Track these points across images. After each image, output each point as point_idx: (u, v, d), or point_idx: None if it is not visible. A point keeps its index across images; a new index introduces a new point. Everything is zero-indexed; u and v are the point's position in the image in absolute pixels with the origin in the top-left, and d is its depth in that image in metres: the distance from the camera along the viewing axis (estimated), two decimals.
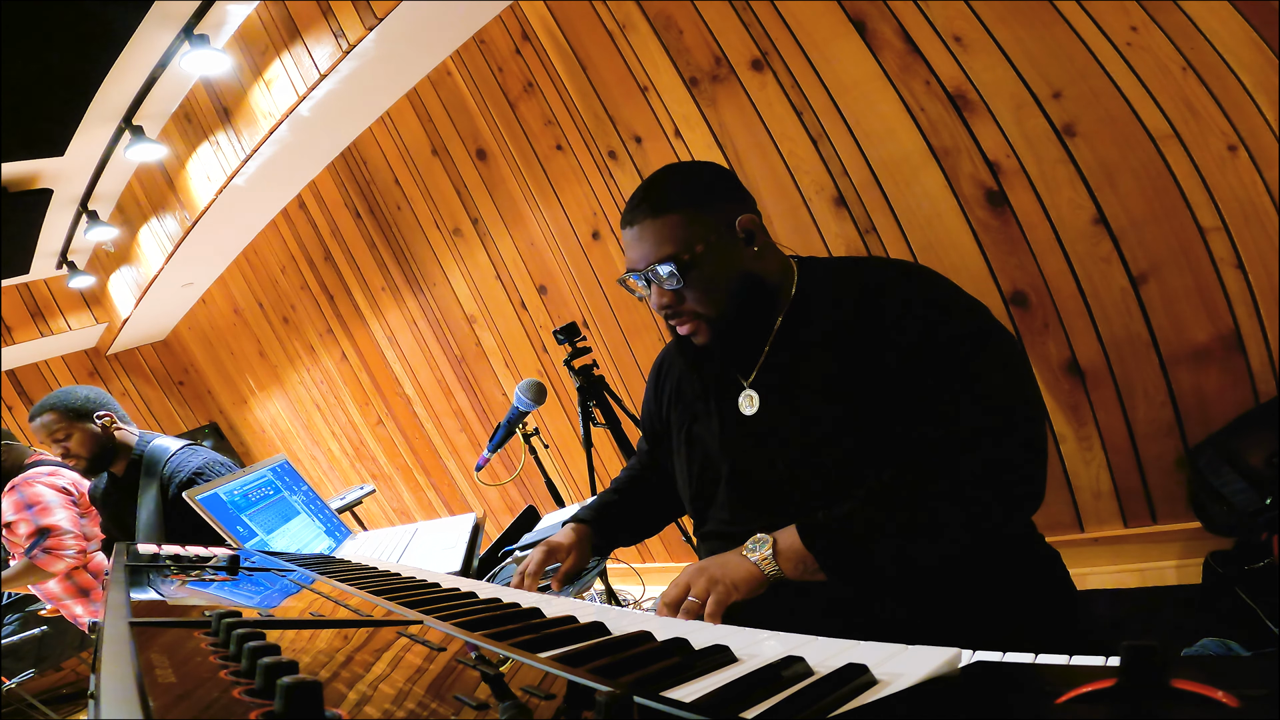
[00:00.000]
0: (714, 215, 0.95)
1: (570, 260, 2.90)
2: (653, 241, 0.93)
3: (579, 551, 1.14)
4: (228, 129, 3.06)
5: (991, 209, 1.93)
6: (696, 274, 0.93)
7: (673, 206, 0.93)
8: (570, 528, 1.17)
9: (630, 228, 0.96)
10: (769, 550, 0.86)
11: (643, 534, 1.28)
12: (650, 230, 0.93)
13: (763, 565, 0.86)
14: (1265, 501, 1.61)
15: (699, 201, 0.95)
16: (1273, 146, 1.58)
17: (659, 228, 0.93)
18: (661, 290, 0.95)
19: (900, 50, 1.95)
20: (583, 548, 1.15)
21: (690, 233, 0.93)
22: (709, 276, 0.93)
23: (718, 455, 1.02)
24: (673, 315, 0.97)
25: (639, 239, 0.94)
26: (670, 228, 0.93)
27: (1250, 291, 1.69)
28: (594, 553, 1.18)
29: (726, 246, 0.94)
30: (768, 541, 0.87)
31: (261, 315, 4.64)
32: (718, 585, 0.83)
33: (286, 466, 2.04)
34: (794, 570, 0.85)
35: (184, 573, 0.93)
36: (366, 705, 0.41)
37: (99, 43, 2.51)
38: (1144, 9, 1.63)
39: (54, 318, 4.65)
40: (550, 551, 1.10)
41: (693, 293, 0.94)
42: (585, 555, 1.15)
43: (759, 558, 0.86)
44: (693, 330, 0.98)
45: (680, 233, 0.92)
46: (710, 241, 0.93)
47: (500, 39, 2.74)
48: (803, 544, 0.85)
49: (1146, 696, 0.32)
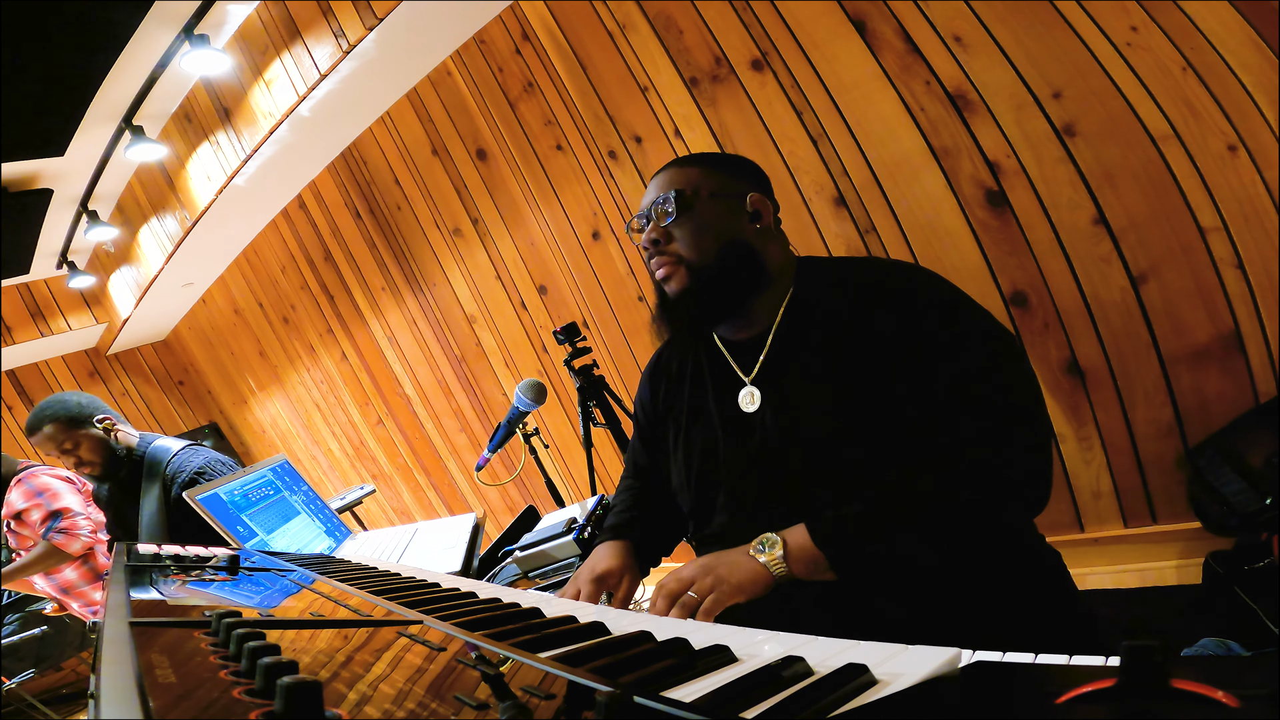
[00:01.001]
0: (728, 180, 1.01)
1: (570, 260, 2.90)
2: (667, 181, 1.01)
3: (633, 573, 1.04)
4: (228, 129, 3.06)
5: (991, 209, 1.93)
6: (691, 215, 0.98)
7: (697, 163, 1.02)
8: (612, 548, 1.06)
9: (656, 176, 1.03)
10: (779, 551, 0.85)
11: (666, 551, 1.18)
12: (670, 174, 1.01)
13: (771, 566, 0.84)
14: (1265, 501, 1.61)
15: (720, 166, 1.03)
16: (1273, 146, 1.58)
17: (678, 172, 1.01)
18: (654, 226, 0.99)
19: (900, 50, 1.95)
20: (634, 567, 1.06)
21: (702, 181, 0.99)
22: (702, 223, 0.98)
23: (718, 455, 1.00)
24: (656, 254, 1.00)
25: (658, 181, 1.02)
26: (686, 174, 1.01)
27: (1250, 291, 1.69)
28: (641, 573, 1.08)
29: (730, 208, 1.00)
30: (777, 542, 0.85)
31: (261, 315, 4.64)
32: (722, 585, 0.82)
33: (286, 466, 2.04)
34: (804, 570, 0.84)
35: (184, 573, 0.93)
36: (366, 705, 0.41)
37: (99, 43, 2.51)
38: (1144, 9, 1.63)
39: (54, 318, 4.65)
40: (599, 579, 1.00)
41: (682, 231, 0.98)
42: (639, 575, 1.06)
43: (768, 559, 0.85)
44: (669, 274, 0.99)
45: (694, 178, 1.00)
46: (716, 195, 0.99)
47: (500, 39, 2.74)
48: (814, 544, 0.84)
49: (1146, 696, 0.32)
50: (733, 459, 0.99)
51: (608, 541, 1.09)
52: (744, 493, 0.98)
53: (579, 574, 1.03)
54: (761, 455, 0.96)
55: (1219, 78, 1.60)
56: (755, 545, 0.87)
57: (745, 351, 1.01)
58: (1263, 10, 1.53)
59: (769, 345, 0.99)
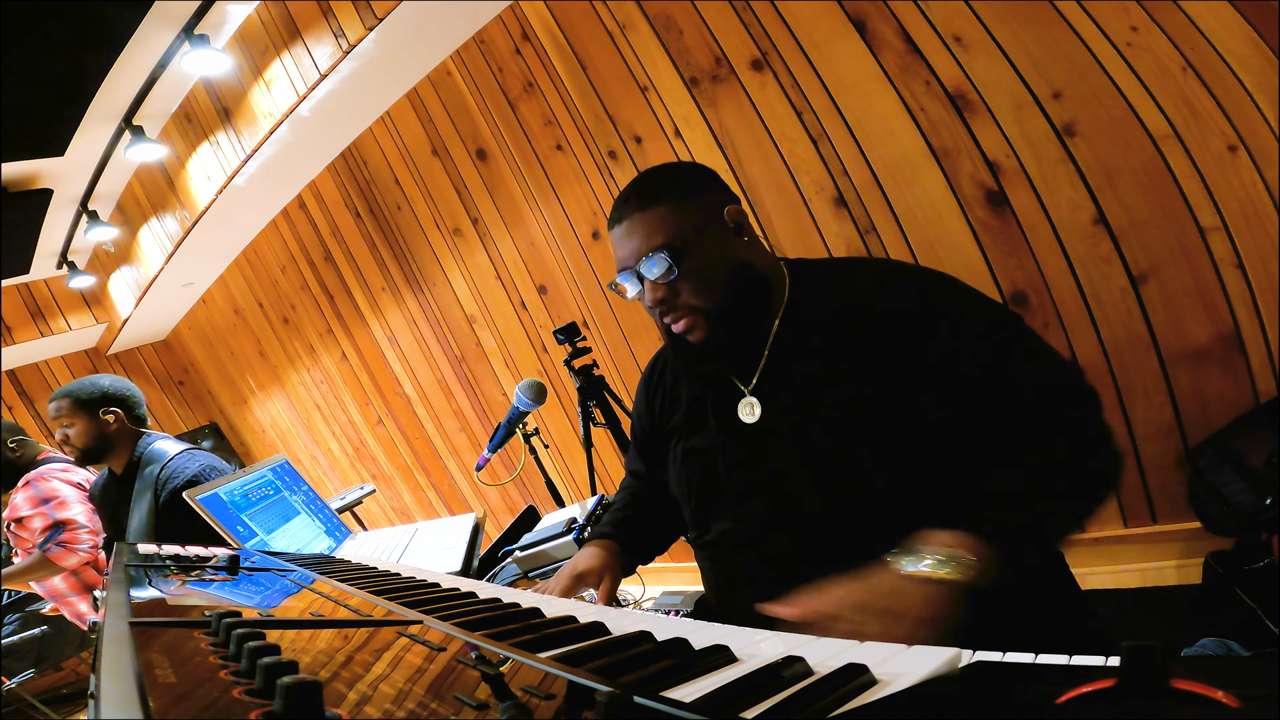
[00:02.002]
0: (701, 204, 0.94)
1: (570, 260, 2.90)
2: (643, 234, 0.92)
3: (612, 572, 1.04)
4: (228, 129, 3.06)
5: (991, 209, 1.93)
6: (690, 262, 0.91)
7: (660, 198, 0.92)
8: (595, 548, 1.07)
9: (619, 225, 0.94)
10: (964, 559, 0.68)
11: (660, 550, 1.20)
12: (640, 223, 0.92)
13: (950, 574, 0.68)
14: (1265, 501, 1.61)
15: (685, 193, 0.94)
16: (1273, 146, 1.58)
17: (649, 219, 0.92)
18: (655, 285, 0.92)
19: (900, 50, 1.95)
20: (614, 567, 1.05)
21: (680, 221, 0.91)
22: (703, 264, 0.91)
23: (719, 465, 0.99)
24: (667, 311, 0.93)
25: (628, 234, 0.93)
26: (660, 218, 0.91)
27: (1250, 291, 1.69)
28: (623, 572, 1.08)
29: (718, 234, 0.93)
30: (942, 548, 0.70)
31: (261, 315, 4.64)
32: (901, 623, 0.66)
33: (286, 466, 2.04)
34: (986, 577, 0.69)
35: (184, 573, 0.93)
36: (366, 705, 0.41)
37: (99, 43, 2.51)
38: (1144, 9, 1.63)
39: (54, 318, 4.65)
40: (578, 578, 1.00)
41: (688, 283, 0.91)
42: (619, 575, 1.05)
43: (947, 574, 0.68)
44: (689, 326, 0.94)
45: (670, 222, 0.91)
46: (701, 228, 0.92)
47: (500, 39, 2.74)
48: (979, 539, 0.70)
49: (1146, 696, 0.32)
50: (733, 469, 0.97)
51: (592, 542, 1.09)
52: (745, 502, 0.97)
53: (561, 571, 1.04)
54: (763, 466, 0.95)
55: (1219, 78, 1.60)
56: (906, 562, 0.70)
57: (743, 360, 0.99)
58: (1263, 10, 1.53)
59: (767, 355, 0.97)
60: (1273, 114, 1.57)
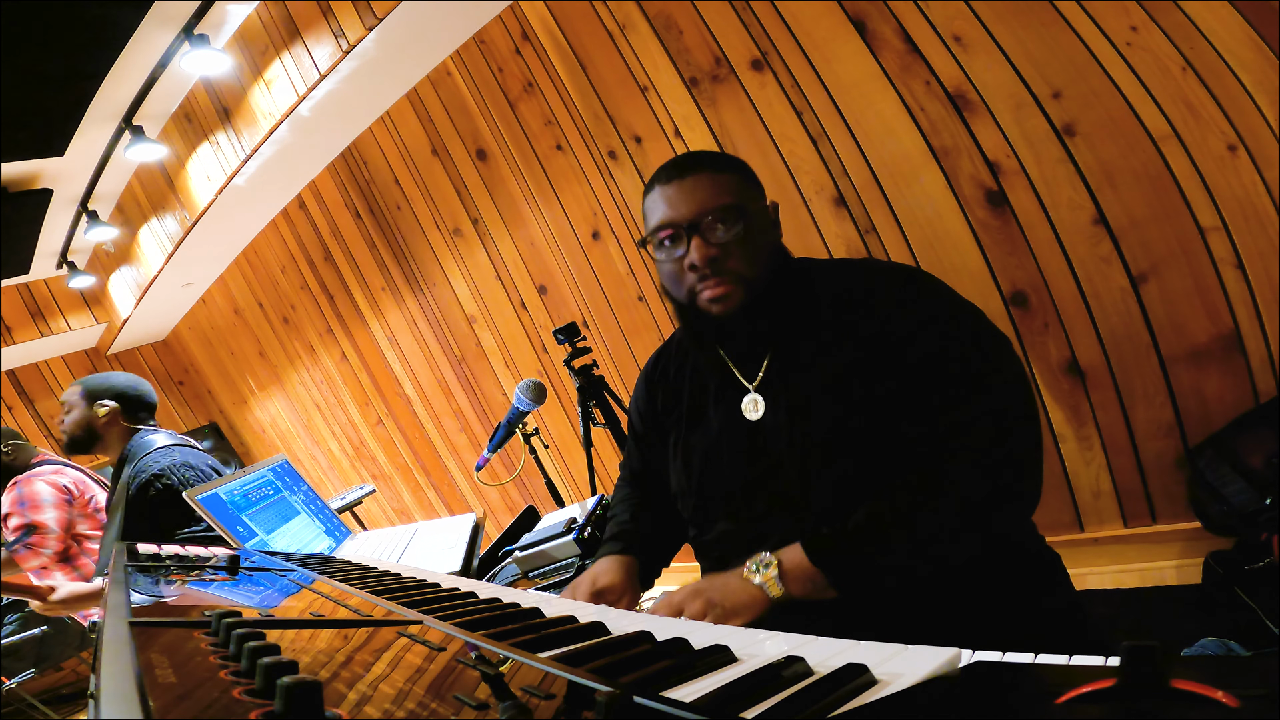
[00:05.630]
0: (758, 188, 1.00)
1: (570, 260, 2.90)
2: (713, 191, 0.92)
3: (633, 590, 1.03)
4: (228, 129, 3.06)
5: (991, 209, 1.93)
6: (750, 227, 0.92)
7: (731, 168, 0.97)
8: (614, 563, 1.04)
9: (682, 179, 0.93)
10: (774, 571, 0.83)
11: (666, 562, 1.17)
12: (709, 181, 0.93)
13: (768, 588, 0.83)
14: (1265, 501, 1.61)
15: (748, 174, 0.99)
16: (1273, 146, 1.58)
17: (720, 180, 0.93)
18: (707, 243, 0.91)
19: (900, 50, 1.95)
20: (635, 584, 1.04)
21: (747, 192, 0.96)
22: (758, 236, 0.94)
23: (720, 461, 0.99)
24: (714, 272, 0.92)
25: (695, 188, 0.92)
26: (731, 183, 0.94)
27: (1250, 291, 1.69)
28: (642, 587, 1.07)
29: (769, 219, 0.99)
30: (772, 562, 0.84)
31: (261, 315, 4.64)
32: (715, 610, 0.81)
33: (286, 466, 2.04)
34: (802, 590, 0.83)
35: (184, 573, 0.93)
36: (366, 705, 0.41)
37: (99, 43, 2.51)
38: (1144, 9, 1.63)
39: (54, 318, 4.65)
40: (599, 594, 0.99)
41: (742, 248, 0.92)
42: (639, 591, 1.05)
43: (763, 579, 0.83)
44: (725, 294, 0.92)
45: (740, 188, 0.95)
46: (761, 206, 0.97)
47: (500, 39, 2.74)
48: (810, 562, 0.83)
49: (1146, 696, 0.32)
50: (735, 466, 0.98)
51: (611, 555, 1.06)
52: (747, 500, 0.97)
53: (579, 583, 1.01)
54: (765, 463, 0.95)
55: (1219, 78, 1.60)
56: (749, 566, 0.85)
57: (747, 357, 0.99)
58: (1263, 10, 1.53)
59: (771, 352, 0.97)
60: (1273, 114, 1.57)
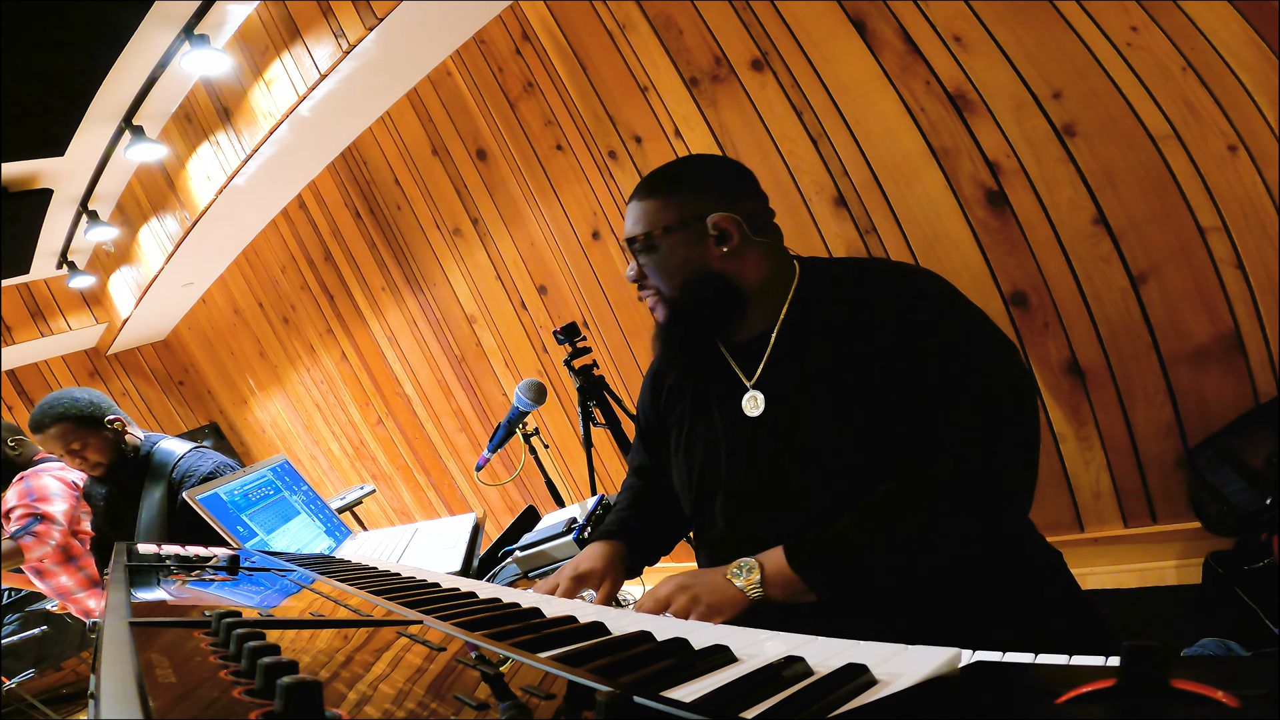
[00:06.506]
0: (687, 206, 0.98)
1: (570, 260, 2.90)
2: (631, 219, 1.02)
3: (615, 574, 1.04)
4: (228, 129, 3.06)
5: (991, 209, 1.93)
6: (654, 257, 1.00)
7: (656, 192, 1.00)
8: (599, 548, 1.07)
9: (629, 203, 1.04)
10: (756, 576, 0.85)
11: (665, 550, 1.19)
12: (634, 209, 1.02)
13: (748, 591, 0.84)
14: (1265, 501, 1.61)
15: (674, 191, 0.99)
16: (1273, 146, 1.58)
17: (641, 209, 1.00)
18: (636, 263, 1.03)
19: (900, 50, 1.95)
20: (618, 569, 1.05)
21: (659, 218, 0.99)
22: (663, 262, 0.99)
23: (720, 458, 1.00)
24: (641, 288, 1.04)
25: (629, 214, 1.03)
26: (647, 209, 1.00)
27: (1250, 291, 1.69)
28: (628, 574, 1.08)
29: (690, 239, 0.98)
30: (754, 566, 0.86)
31: (261, 315, 4.64)
32: (698, 606, 0.83)
33: (287, 466, 2.04)
34: (782, 594, 0.84)
35: (184, 573, 0.93)
36: (366, 705, 0.41)
37: (99, 43, 2.50)
38: (1144, 9, 1.63)
39: (54, 318, 4.65)
40: (579, 579, 1.01)
41: (655, 272, 1.01)
42: (621, 577, 1.06)
43: (744, 583, 0.85)
44: (653, 306, 1.04)
45: (652, 216, 0.99)
46: (673, 231, 0.98)
47: (500, 39, 2.74)
48: (790, 568, 0.84)
49: (1146, 696, 0.32)
50: (735, 463, 0.98)
51: (596, 542, 1.10)
52: (746, 497, 0.97)
53: (562, 570, 1.05)
54: (764, 460, 0.96)
55: (1219, 78, 1.60)
56: (733, 569, 0.87)
57: (747, 354, 1.00)
58: (1263, 10, 1.53)
59: (770, 350, 0.98)
60: (1273, 114, 1.57)
